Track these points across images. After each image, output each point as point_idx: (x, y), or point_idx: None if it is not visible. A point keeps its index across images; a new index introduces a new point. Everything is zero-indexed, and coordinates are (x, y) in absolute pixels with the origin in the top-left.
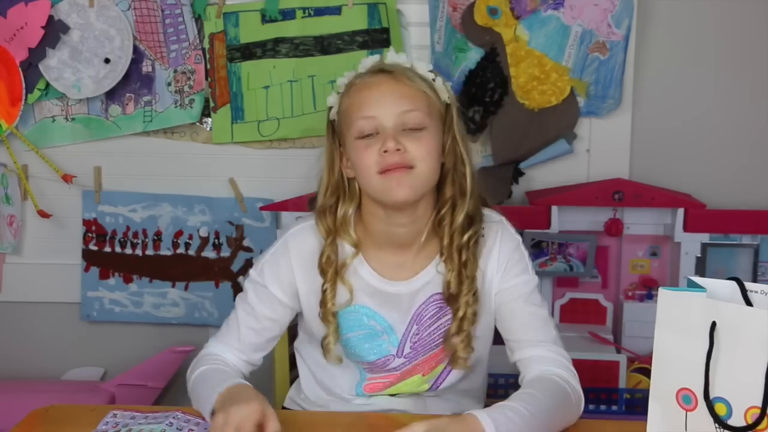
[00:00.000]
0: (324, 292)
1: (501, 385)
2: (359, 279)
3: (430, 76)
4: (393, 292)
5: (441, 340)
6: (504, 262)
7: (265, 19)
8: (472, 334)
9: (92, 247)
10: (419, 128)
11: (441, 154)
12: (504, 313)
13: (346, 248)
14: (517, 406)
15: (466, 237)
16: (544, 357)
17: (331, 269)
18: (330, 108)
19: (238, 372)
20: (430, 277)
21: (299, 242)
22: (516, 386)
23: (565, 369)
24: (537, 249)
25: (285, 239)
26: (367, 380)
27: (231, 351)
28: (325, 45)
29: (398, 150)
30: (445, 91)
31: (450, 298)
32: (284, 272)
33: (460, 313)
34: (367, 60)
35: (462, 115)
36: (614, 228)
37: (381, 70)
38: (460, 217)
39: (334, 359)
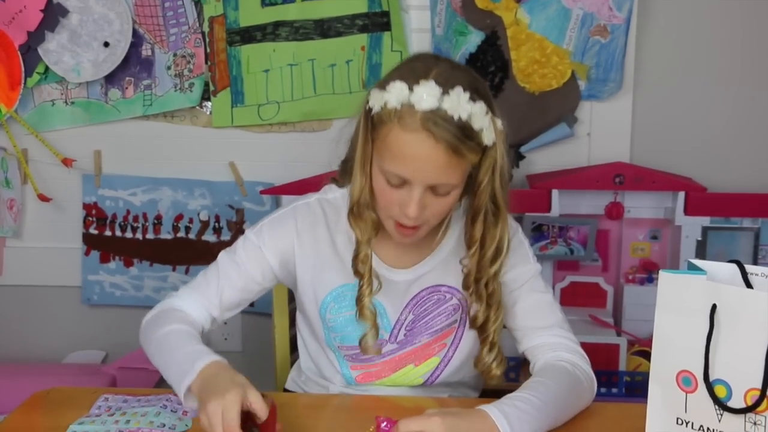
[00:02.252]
0: (360, 288)
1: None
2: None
3: (486, 125)
4: (392, 279)
5: (435, 329)
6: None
7: (265, 2)
8: (501, 346)
9: (92, 231)
10: (446, 194)
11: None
12: (508, 303)
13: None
14: (528, 396)
15: (493, 271)
16: (552, 343)
17: (366, 268)
18: (371, 104)
19: (199, 329)
20: (431, 267)
21: (305, 214)
22: (518, 368)
23: (574, 353)
24: (537, 232)
25: (294, 207)
26: (353, 369)
27: (202, 305)
28: (324, 28)
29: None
30: (492, 136)
31: (479, 328)
32: (284, 239)
33: (491, 336)
34: (430, 94)
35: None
36: (615, 211)
37: (431, 130)
38: (489, 259)
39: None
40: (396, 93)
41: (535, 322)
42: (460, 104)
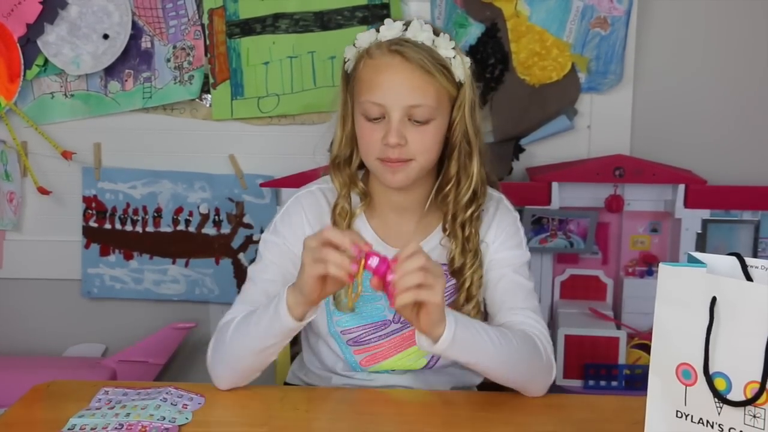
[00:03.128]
0: None
1: None
2: (357, 231)
3: (451, 54)
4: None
5: None
6: (500, 234)
7: None
8: (480, 300)
9: (92, 223)
10: (425, 122)
11: (444, 135)
12: (491, 280)
13: (353, 202)
14: (484, 325)
15: (468, 213)
16: (523, 322)
17: (345, 222)
18: (346, 60)
19: None
20: (431, 246)
21: (310, 201)
22: None
23: (541, 334)
24: (537, 225)
25: (297, 197)
26: (356, 353)
27: (252, 307)
28: (325, 20)
29: (399, 144)
30: (462, 70)
31: (455, 272)
32: (298, 226)
33: (467, 284)
34: (391, 28)
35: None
36: (615, 204)
37: (399, 51)
38: (464, 195)
39: (346, 308)
40: (364, 38)
41: (512, 303)
42: (422, 31)
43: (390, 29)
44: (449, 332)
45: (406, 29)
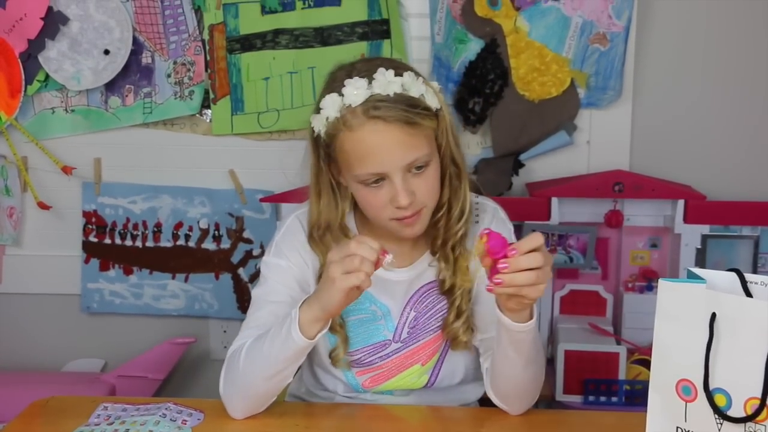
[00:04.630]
0: None
1: None
2: None
3: (423, 90)
4: (392, 279)
5: (438, 324)
6: None
7: (265, 10)
8: (471, 315)
9: (92, 238)
10: (425, 166)
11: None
12: (480, 293)
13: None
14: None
15: (459, 234)
16: None
17: None
18: (315, 130)
19: None
20: (421, 269)
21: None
22: None
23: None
24: None
25: (295, 216)
26: (358, 375)
27: (261, 331)
28: (324, 36)
29: (410, 202)
30: (435, 99)
31: (446, 292)
32: (301, 245)
33: (457, 302)
34: (356, 89)
35: (460, 105)
36: (614, 219)
37: (377, 117)
38: (455, 221)
39: (343, 365)
40: (330, 105)
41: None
42: (388, 82)
43: (355, 91)
44: (535, 320)
45: (370, 83)
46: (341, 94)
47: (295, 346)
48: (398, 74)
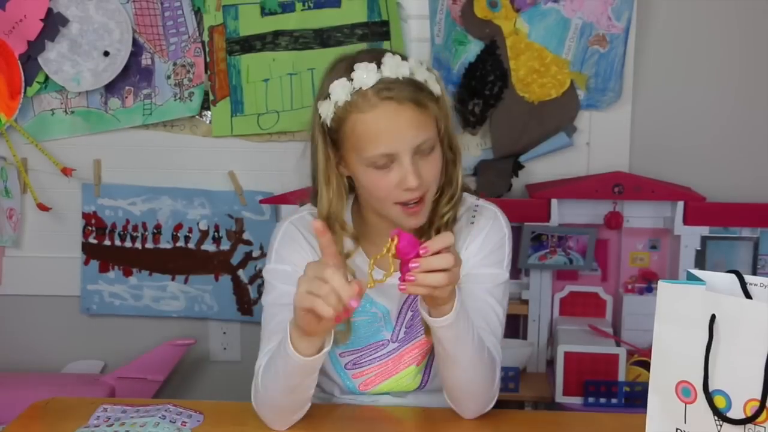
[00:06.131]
0: None
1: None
2: (357, 269)
3: (427, 75)
4: (388, 281)
5: None
6: (485, 248)
7: (265, 11)
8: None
9: (92, 240)
10: (431, 150)
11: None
12: (462, 291)
13: (347, 242)
14: (474, 326)
15: (445, 218)
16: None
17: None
18: (322, 115)
19: None
20: None
21: (304, 225)
22: (517, 379)
23: (499, 363)
24: (537, 242)
25: (290, 221)
26: (354, 377)
27: None
28: (324, 38)
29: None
30: (437, 85)
31: None
32: (301, 247)
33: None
34: (367, 72)
35: (459, 106)
36: (614, 221)
37: (389, 97)
38: (445, 204)
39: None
40: (339, 89)
41: (477, 323)
42: (397, 65)
43: (366, 75)
44: (453, 314)
45: (379, 67)
46: (351, 79)
47: (294, 363)
48: (404, 59)
